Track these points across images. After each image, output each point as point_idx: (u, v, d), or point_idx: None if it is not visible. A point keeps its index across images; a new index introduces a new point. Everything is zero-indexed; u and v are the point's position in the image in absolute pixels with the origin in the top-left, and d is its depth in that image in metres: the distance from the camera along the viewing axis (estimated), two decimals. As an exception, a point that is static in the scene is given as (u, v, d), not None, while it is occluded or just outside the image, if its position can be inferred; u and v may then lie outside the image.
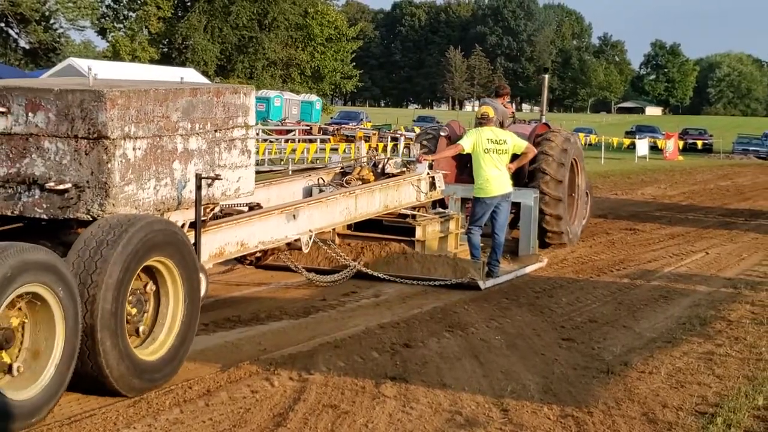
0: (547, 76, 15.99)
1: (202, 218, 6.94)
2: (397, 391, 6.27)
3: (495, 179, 10.38)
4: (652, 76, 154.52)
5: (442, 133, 12.87)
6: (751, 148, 52.50)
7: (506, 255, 11.24)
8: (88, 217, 6.11)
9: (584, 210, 14.12)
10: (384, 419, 5.73)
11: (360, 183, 10.26)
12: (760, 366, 7.20)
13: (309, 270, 9.61)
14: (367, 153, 11.71)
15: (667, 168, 34.99)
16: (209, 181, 6.90)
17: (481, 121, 10.70)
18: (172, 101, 6.56)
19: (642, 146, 42.55)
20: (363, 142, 14.06)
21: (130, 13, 49.50)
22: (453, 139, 12.45)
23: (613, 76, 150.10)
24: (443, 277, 10.03)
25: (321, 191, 10.11)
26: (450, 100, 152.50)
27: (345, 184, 10.23)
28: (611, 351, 7.57)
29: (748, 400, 6.28)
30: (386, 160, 11.01)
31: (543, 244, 12.64)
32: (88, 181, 6.09)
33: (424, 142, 12.80)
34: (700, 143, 53.82)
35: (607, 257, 12.55)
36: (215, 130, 7.04)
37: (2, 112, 6.17)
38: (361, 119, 54.19)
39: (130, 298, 6.05)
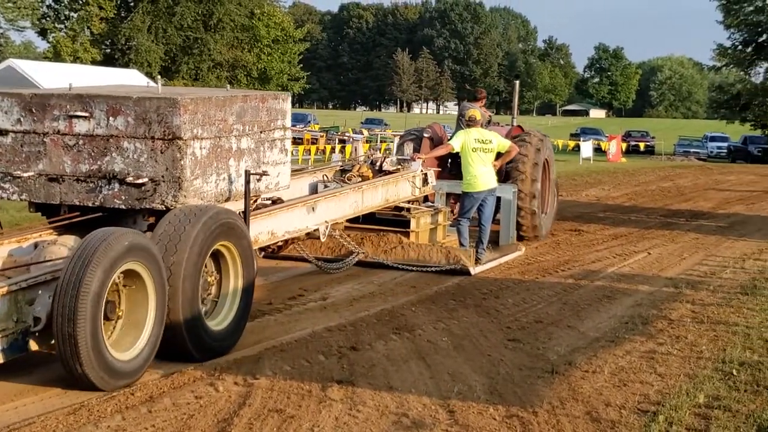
0: (517, 82, 16.79)
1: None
2: (344, 394, 6.26)
3: (482, 176, 11.44)
4: (596, 79, 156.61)
5: (425, 135, 13.86)
6: (692, 150, 53.49)
7: (488, 245, 11.93)
8: (163, 207, 7.00)
9: (553, 206, 15.03)
10: (330, 423, 5.71)
11: (360, 179, 11.14)
12: (701, 364, 7.32)
13: (318, 259, 10.59)
14: (365, 152, 12.65)
15: (611, 170, 35.43)
16: (257, 176, 7.86)
17: (469, 122, 11.72)
18: (229, 106, 7.48)
19: (586, 148, 43.01)
20: (360, 143, 14.94)
21: (72, 14, 48.66)
22: (435, 140, 13.68)
23: (558, 79, 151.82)
24: (438, 264, 10.92)
25: (326, 187, 10.96)
26: (398, 102, 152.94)
27: (346, 181, 11.09)
28: (556, 351, 7.64)
29: (689, 398, 6.38)
30: (383, 158, 11.94)
31: (518, 237, 13.50)
32: (163, 176, 6.95)
33: (409, 143, 13.69)
34: (642, 145, 54.54)
35: (553, 258, 12.67)
36: (261, 132, 8.02)
37: (86, 117, 7.04)
38: (309, 121, 53.99)
39: (203, 275, 6.94)
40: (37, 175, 7.26)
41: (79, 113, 7.05)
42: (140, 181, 6.96)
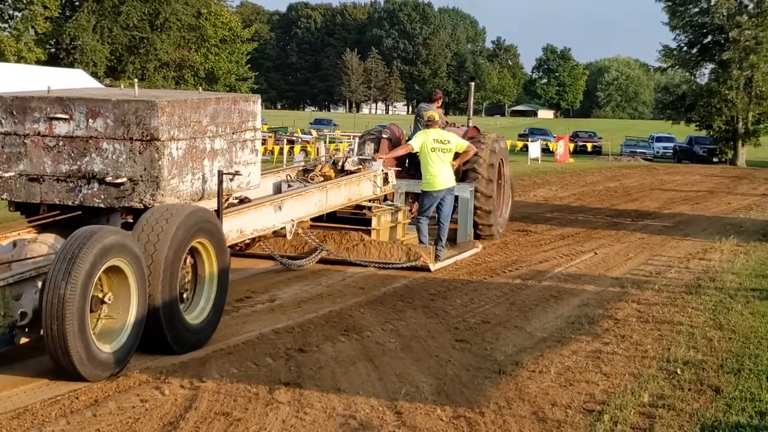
0: (473, 84, 17.02)
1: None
2: (291, 396, 6.23)
3: (441, 175, 11.80)
4: (544, 80, 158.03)
5: (384, 135, 14.13)
6: (638, 150, 54.19)
7: (446, 242, 12.19)
8: (141, 205, 7.23)
9: (508, 204, 15.47)
10: (277, 425, 5.68)
11: (322, 179, 11.31)
12: (646, 363, 7.42)
13: (282, 257, 10.88)
14: (327, 153, 12.98)
15: (558, 170, 35.78)
16: (230, 176, 8.11)
17: (428, 123, 12.09)
18: (203, 108, 7.72)
19: (534, 149, 43.37)
20: (321, 143, 15.16)
21: (16, 13, 47.71)
22: (393, 140, 14.01)
23: (507, 80, 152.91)
24: (399, 261, 11.27)
25: (290, 186, 11.14)
26: (347, 102, 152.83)
27: (309, 180, 11.27)
28: (503, 351, 7.69)
29: (633, 397, 6.46)
30: (345, 158, 12.15)
31: (475, 235, 13.84)
32: (141, 176, 7.19)
33: (370, 143, 13.99)
34: (589, 146, 55.13)
35: (500, 258, 12.76)
36: (233, 133, 8.27)
37: (65, 119, 7.25)
38: (257, 122, 53.60)
39: (181, 271, 7.16)
40: (17, 175, 7.47)
41: (59, 115, 7.27)
42: (119, 180, 7.20)
